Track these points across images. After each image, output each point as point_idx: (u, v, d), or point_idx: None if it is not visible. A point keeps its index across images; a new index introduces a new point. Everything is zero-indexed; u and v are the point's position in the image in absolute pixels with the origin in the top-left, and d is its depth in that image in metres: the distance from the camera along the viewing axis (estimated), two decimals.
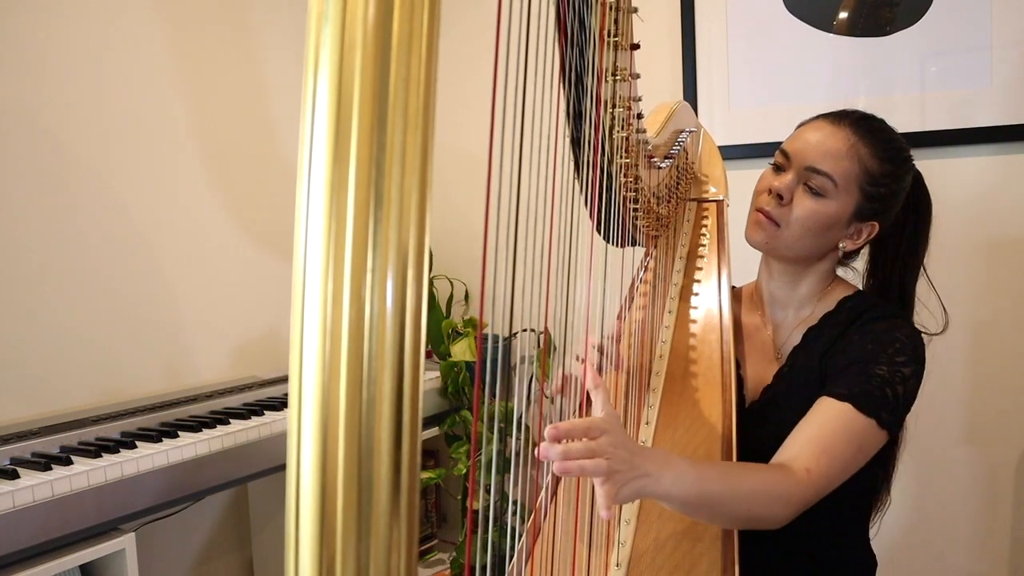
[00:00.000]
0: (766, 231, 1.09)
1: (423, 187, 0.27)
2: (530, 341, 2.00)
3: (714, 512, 0.90)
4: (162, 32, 1.82)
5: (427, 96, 0.27)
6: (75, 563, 1.22)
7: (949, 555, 1.79)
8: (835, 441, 0.95)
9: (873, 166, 1.05)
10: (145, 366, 1.77)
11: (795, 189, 1.06)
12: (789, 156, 1.08)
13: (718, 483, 0.89)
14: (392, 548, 0.28)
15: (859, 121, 1.07)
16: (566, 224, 0.82)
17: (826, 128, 1.06)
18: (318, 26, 0.26)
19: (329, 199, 0.26)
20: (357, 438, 0.27)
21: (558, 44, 0.78)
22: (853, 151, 1.04)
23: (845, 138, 1.05)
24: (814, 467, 0.93)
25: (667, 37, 2.01)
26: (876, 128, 1.07)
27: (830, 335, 1.09)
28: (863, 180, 1.05)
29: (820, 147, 1.05)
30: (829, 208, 1.05)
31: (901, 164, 1.08)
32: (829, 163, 1.04)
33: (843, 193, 1.05)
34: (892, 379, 0.99)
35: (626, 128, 0.96)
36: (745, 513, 0.91)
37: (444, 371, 2.04)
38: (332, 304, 0.27)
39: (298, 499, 0.28)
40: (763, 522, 0.92)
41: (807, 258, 1.12)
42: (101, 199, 1.70)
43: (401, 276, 0.27)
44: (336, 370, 0.27)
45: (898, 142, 1.09)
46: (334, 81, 0.26)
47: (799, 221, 1.06)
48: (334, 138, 0.26)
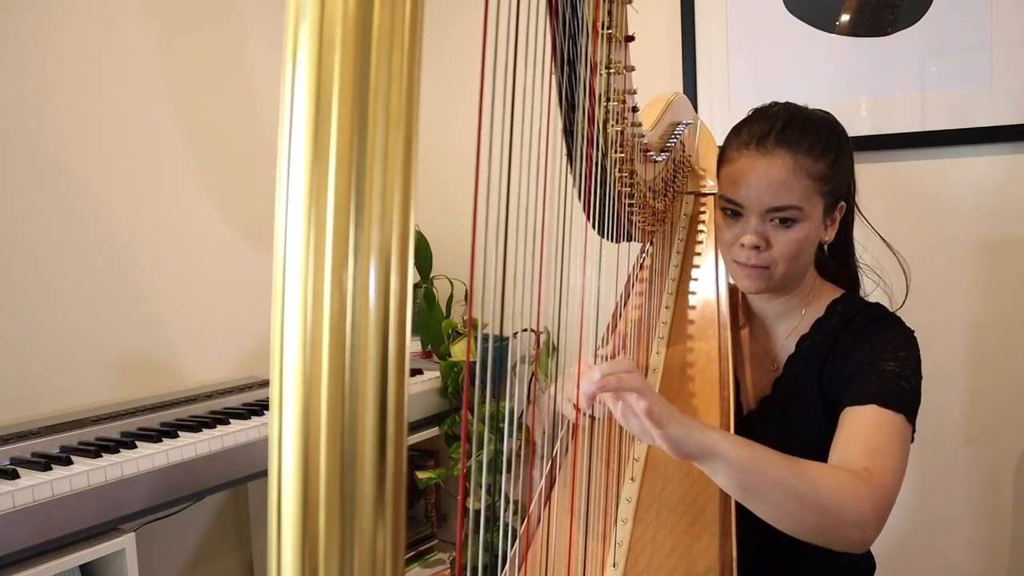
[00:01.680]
0: (759, 279, 1.06)
1: (406, 188, 0.26)
2: (528, 341, 2.00)
3: (773, 486, 0.82)
4: (153, 33, 1.82)
5: (410, 93, 0.26)
6: (75, 563, 1.22)
7: (949, 555, 1.79)
8: (879, 440, 0.91)
9: (820, 169, 1.03)
10: (145, 366, 1.77)
11: (766, 232, 1.04)
12: (740, 204, 1.05)
13: (772, 453, 0.84)
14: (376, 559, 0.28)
15: (783, 131, 1.03)
16: (560, 219, 0.81)
17: (761, 162, 1.02)
18: (295, 24, 0.25)
19: (308, 202, 0.26)
20: (339, 450, 0.27)
21: (550, 29, 0.77)
22: (797, 169, 1.01)
23: (784, 162, 1.01)
24: (872, 466, 0.87)
25: (667, 37, 2.01)
26: (801, 126, 1.04)
27: (824, 342, 1.08)
28: (819, 187, 1.03)
29: (768, 185, 1.02)
30: (805, 229, 1.03)
31: (837, 142, 1.06)
32: (785, 195, 1.01)
33: (809, 209, 1.03)
34: (904, 372, 0.98)
35: (621, 122, 0.95)
36: (811, 495, 0.82)
37: (444, 371, 2.04)
38: (312, 312, 0.26)
39: (280, 509, 0.27)
40: (833, 515, 0.83)
41: (799, 275, 1.10)
42: (101, 199, 1.71)
43: (384, 281, 0.26)
44: (317, 379, 0.26)
45: (824, 123, 1.07)
46: (312, 80, 0.25)
47: (785, 255, 1.04)
48: (313, 139, 0.25)
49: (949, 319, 1.78)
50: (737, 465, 0.82)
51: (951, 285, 1.78)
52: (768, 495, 0.83)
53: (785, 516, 0.84)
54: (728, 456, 0.81)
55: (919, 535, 1.81)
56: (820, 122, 1.07)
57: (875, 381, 0.97)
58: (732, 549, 0.92)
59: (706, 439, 0.81)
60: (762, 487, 0.83)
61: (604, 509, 0.98)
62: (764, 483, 0.83)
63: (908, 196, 1.81)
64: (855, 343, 1.04)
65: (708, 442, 0.81)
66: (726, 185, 1.08)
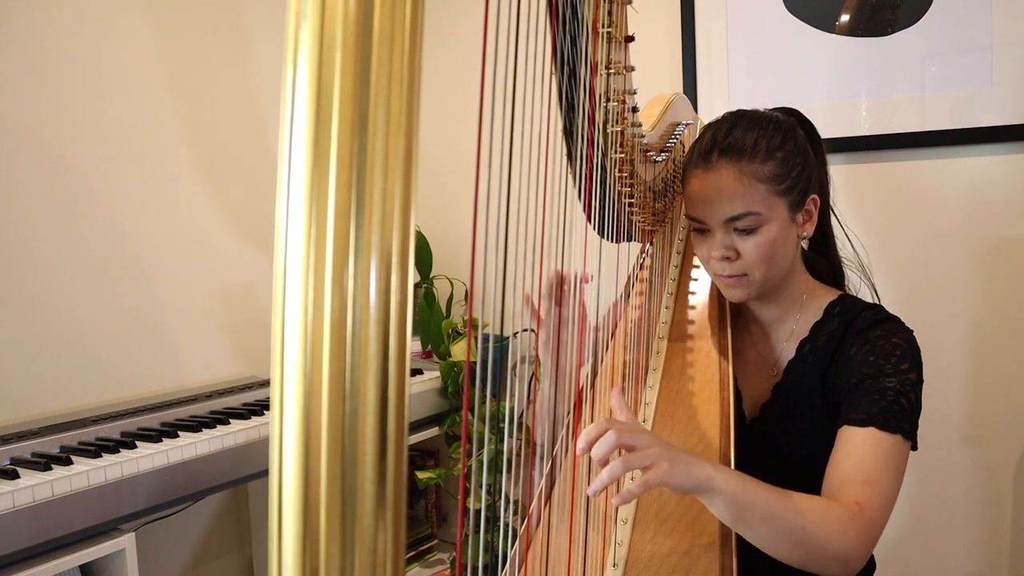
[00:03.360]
0: (741, 287, 1.07)
1: (407, 190, 0.26)
2: (528, 341, 2.00)
3: (763, 520, 0.85)
4: (155, 33, 1.83)
5: (411, 95, 0.26)
6: (75, 563, 1.23)
7: (949, 555, 1.79)
8: (874, 469, 0.92)
9: (769, 169, 1.02)
10: (145, 366, 1.77)
11: (732, 242, 1.04)
12: (702, 221, 1.05)
13: (764, 488, 0.86)
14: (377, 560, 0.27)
15: (723, 144, 1.03)
16: (560, 220, 0.81)
17: (708, 177, 1.03)
18: (296, 25, 0.25)
19: (309, 204, 0.25)
20: (340, 450, 0.26)
21: (550, 29, 0.77)
22: (743, 177, 1.01)
23: (728, 173, 1.01)
24: (864, 500, 0.89)
25: (667, 38, 2.01)
26: (743, 130, 1.04)
27: (826, 346, 1.07)
28: (774, 186, 1.02)
29: (719, 198, 1.02)
30: (772, 231, 1.03)
31: (786, 138, 1.04)
32: (739, 203, 1.01)
33: (771, 210, 1.02)
34: (904, 388, 0.97)
35: (620, 122, 0.95)
36: (799, 531, 0.85)
37: (444, 371, 2.04)
38: (313, 313, 0.26)
39: (280, 510, 0.27)
40: (818, 550, 0.86)
41: (786, 276, 1.10)
42: (102, 200, 1.71)
43: (384, 281, 0.26)
44: (318, 379, 0.26)
45: (769, 122, 1.05)
46: (313, 82, 0.25)
47: (758, 259, 1.04)
48: (313, 142, 0.25)
49: (949, 319, 1.78)
50: (731, 499, 0.84)
51: (951, 285, 1.78)
52: (757, 528, 0.86)
53: (772, 548, 0.88)
54: (723, 491, 0.83)
55: (919, 535, 1.81)
56: (765, 122, 1.05)
57: (876, 400, 0.96)
58: (732, 549, 0.92)
59: (701, 473, 0.83)
60: (753, 520, 0.86)
61: (604, 509, 0.97)
62: (755, 517, 0.85)
63: (908, 196, 1.81)
64: (858, 351, 1.03)
65: (703, 478, 0.83)
66: (688, 204, 1.08)
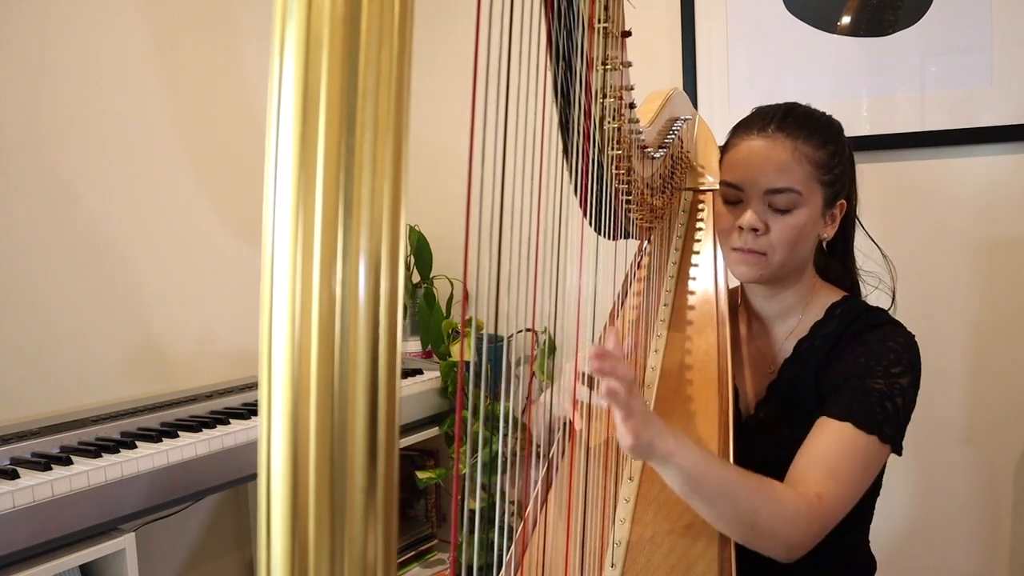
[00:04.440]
0: (755, 265, 1.07)
1: (396, 192, 0.26)
2: (526, 341, 2.00)
3: (715, 499, 0.87)
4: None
5: (400, 94, 0.25)
6: (75, 563, 1.22)
7: (949, 555, 1.79)
8: (841, 464, 0.93)
9: (820, 156, 1.04)
10: (145, 366, 1.78)
11: (765, 215, 1.05)
12: (741, 187, 1.06)
13: (725, 468, 0.87)
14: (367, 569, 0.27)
15: (784, 120, 1.06)
16: (557, 217, 0.81)
17: (760, 143, 1.05)
18: (282, 23, 0.24)
19: (295, 209, 0.25)
20: (329, 459, 0.26)
21: (545, 24, 0.76)
22: (798, 153, 1.03)
23: (783, 145, 1.04)
24: (825, 492, 0.91)
25: (667, 37, 2.01)
26: (801, 118, 1.07)
27: (822, 346, 1.07)
28: (819, 174, 1.05)
29: (768, 166, 1.04)
30: (803, 217, 1.04)
31: (838, 138, 1.08)
32: (785, 177, 1.03)
33: (809, 196, 1.04)
34: (890, 392, 0.97)
35: (617, 118, 0.94)
36: (750, 514, 0.87)
37: (444, 371, 2.04)
38: (300, 318, 0.25)
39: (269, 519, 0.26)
40: (765, 534, 0.89)
41: (797, 268, 1.10)
42: (101, 200, 1.71)
43: (373, 286, 0.26)
44: (306, 386, 0.25)
45: (824, 118, 1.09)
46: (299, 83, 0.24)
47: (783, 241, 1.04)
48: (300, 143, 0.25)
49: (949, 319, 1.78)
50: (686, 473, 0.85)
51: (951, 285, 1.78)
52: (708, 505, 0.88)
53: (720, 525, 0.91)
54: (679, 468, 0.84)
55: (919, 535, 1.81)
56: (820, 117, 1.10)
57: (859, 399, 0.97)
58: (731, 549, 0.92)
59: (663, 444, 0.83)
60: (703, 496, 0.87)
61: (602, 509, 0.97)
62: (705, 494, 0.87)
63: (908, 196, 1.80)
64: (852, 351, 1.03)
65: (663, 447, 0.83)
66: (727, 170, 1.10)
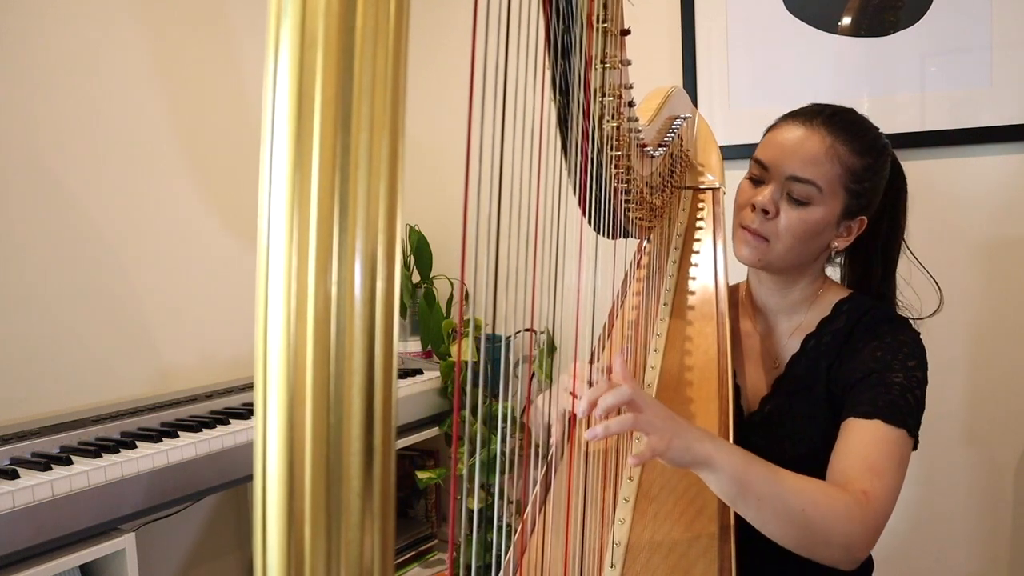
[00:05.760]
0: (756, 248, 1.05)
1: (392, 192, 0.25)
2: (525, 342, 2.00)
3: (763, 499, 0.83)
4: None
5: (395, 93, 0.25)
6: (75, 563, 1.22)
7: (949, 555, 1.79)
8: (879, 460, 0.91)
9: (854, 163, 1.02)
10: (145, 366, 1.78)
11: (779, 201, 1.03)
12: (767, 166, 1.04)
13: (767, 467, 0.85)
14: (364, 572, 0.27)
15: (832, 117, 1.03)
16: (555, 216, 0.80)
17: (800, 131, 1.03)
18: (277, 21, 0.24)
19: (290, 209, 0.24)
20: (325, 463, 0.26)
21: (543, 18, 0.75)
22: (832, 152, 1.01)
23: (821, 139, 1.01)
24: (870, 489, 0.88)
25: (667, 37, 2.01)
26: (850, 121, 1.04)
27: (831, 343, 1.07)
28: (847, 179, 1.02)
29: (798, 153, 1.01)
30: (816, 214, 1.02)
31: (879, 155, 1.06)
32: (810, 169, 1.01)
33: (829, 196, 1.02)
34: (910, 384, 0.97)
35: (616, 117, 0.94)
36: (799, 512, 0.84)
37: (444, 371, 2.04)
38: (296, 320, 0.25)
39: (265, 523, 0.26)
40: (820, 534, 0.85)
41: (800, 265, 1.09)
42: (102, 200, 1.71)
43: (369, 287, 0.25)
44: (301, 389, 0.25)
45: (873, 132, 1.06)
46: (294, 82, 0.24)
47: (788, 232, 1.03)
48: (295, 143, 0.24)
49: (949, 319, 1.77)
50: (730, 476, 0.83)
51: (951, 285, 1.77)
52: (756, 508, 0.85)
53: (771, 529, 0.87)
54: (722, 468, 0.82)
55: (919, 535, 1.81)
56: (870, 130, 1.07)
57: (881, 394, 0.96)
58: (731, 549, 0.92)
59: (701, 449, 0.82)
60: (750, 499, 0.84)
61: (601, 509, 0.97)
62: (752, 496, 0.84)
63: (908, 195, 1.80)
64: (864, 346, 1.03)
65: (703, 455, 0.82)
66: (761, 148, 1.08)
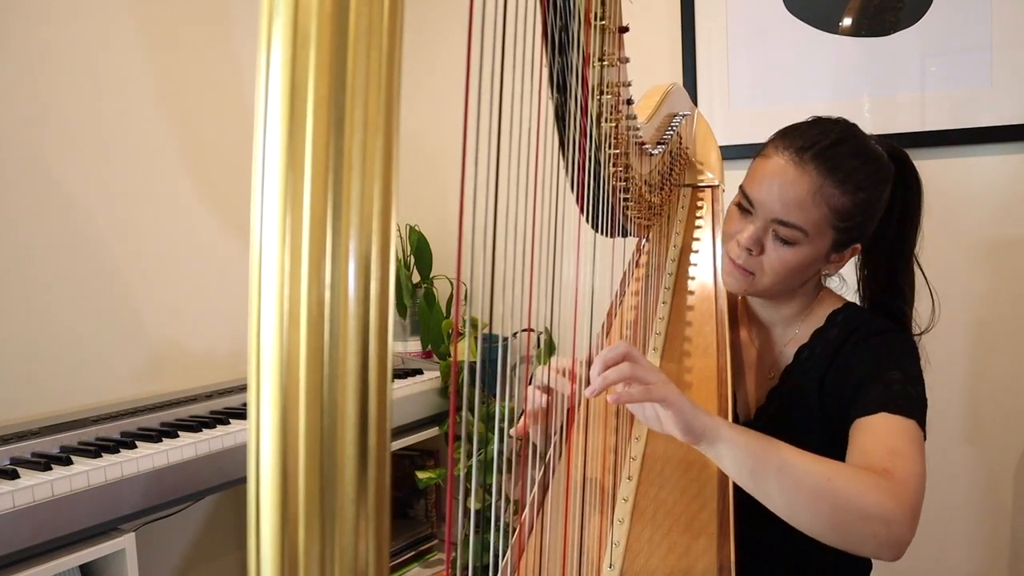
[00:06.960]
0: (741, 280, 1.05)
1: (386, 193, 0.25)
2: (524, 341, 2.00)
3: (785, 469, 0.79)
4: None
5: (389, 93, 0.25)
6: (75, 563, 1.22)
7: (949, 555, 1.79)
8: (897, 444, 0.88)
9: (843, 203, 0.98)
10: (145, 366, 1.78)
11: (764, 239, 1.01)
12: (752, 204, 1.02)
13: (781, 445, 0.82)
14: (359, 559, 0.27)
15: (824, 152, 0.98)
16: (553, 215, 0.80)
17: (789, 171, 0.98)
18: (269, 20, 0.24)
19: (283, 211, 0.24)
20: (318, 467, 0.25)
21: (540, 14, 0.75)
22: (819, 195, 0.97)
23: (810, 181, 0.97)
24: (891, 467, 0.84)
25: (667, 37, 2.01)
26: (845, 156, 0.99)
27: (824, 353, 1.06)
28: (834, 220, 0.99)
29: (784, 197, 0.98)
30: (802, 253, 1.00)
31: (874, 187, 1.02)
32: (795, 214, 0.98)
33: (816, 237, 1.00)
34: (909, 380, 0.97)
35: (615, 116, 0.93)
36: (826, 481, 0.79)
37: (444, 371, 2.04)
38: (289, 322, 0.25)
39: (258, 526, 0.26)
40: (852, 503, 0.79)
41: (790, 291, 1.08)
42: (102, 200, 1.71)
43: (363, 289, 0.25)
44: (294, 392, 0.25)
45: (871, 164, 1.02)
46: (286, 82, 0.24)
47: (773, 270, 1.02)
48: (287, 144, 0.24)
49: (949, 319, 1.76)
50: (742, 448, 0.80)
51: (951, 285, 1.77)
52: (776, 482, 0.80)
53: (799, 507, 0.81)
54: (731, 440, 0.80)
55: (919, 535, 1.79)
56: (870, 157, 1.02)
57: (882, 391, 0.95)
58: (730, 549, 0.92)
59: (709, 422, 0.81)
60: (769, 471, 0.80)
61: (600, 509, 0.97)
62: (771, 468, 0.80)
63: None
64: (857, 355, 1.02)
65: (711, 425, 0.81)
66: (749, 179, 1.05)
